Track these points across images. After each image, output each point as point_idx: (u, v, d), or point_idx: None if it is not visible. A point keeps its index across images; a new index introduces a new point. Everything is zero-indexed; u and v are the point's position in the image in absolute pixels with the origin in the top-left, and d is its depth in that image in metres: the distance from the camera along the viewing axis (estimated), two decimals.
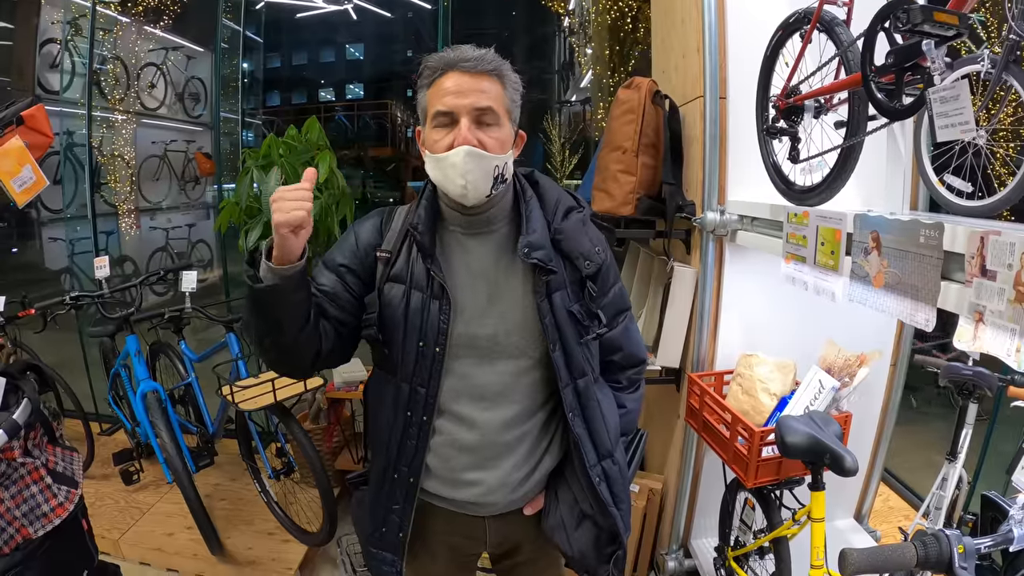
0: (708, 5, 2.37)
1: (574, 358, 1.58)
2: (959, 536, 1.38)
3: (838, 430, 1.93)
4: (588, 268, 1.58)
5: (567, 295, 1.57)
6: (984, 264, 1.21)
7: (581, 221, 1.63)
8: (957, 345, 1.30)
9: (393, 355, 1.56)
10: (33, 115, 2.62)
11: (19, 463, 1.89)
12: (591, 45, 6.13)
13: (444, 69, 1.47)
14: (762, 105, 2.19)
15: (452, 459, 1.61)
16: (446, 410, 1.58)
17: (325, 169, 3.15)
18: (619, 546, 1.70)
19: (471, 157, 1.43)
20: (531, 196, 1.61)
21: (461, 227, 1.59)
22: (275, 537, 3.29)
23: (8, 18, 6.80)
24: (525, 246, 1.51)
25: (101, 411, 4.70)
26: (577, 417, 1.60)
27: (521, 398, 1.60)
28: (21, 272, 7.18)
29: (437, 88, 1.48)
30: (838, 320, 2.35)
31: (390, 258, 1.58)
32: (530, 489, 1.67)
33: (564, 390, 1.58)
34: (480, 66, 1.46)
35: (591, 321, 1.59)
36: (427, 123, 1.51)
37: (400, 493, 1.61)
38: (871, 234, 1.54)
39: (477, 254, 1.58)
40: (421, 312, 1.52)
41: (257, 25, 7.01)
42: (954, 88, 1.41)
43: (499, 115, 1.48)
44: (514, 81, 1.53)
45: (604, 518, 1.65)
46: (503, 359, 1.58)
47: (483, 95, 1.46)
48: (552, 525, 1.68)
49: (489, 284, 1.57)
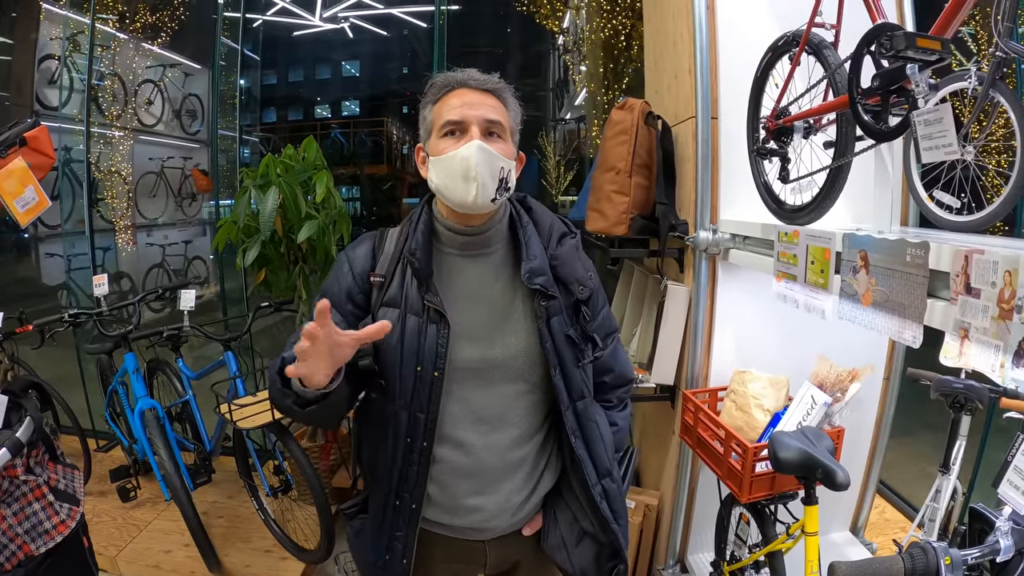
0: (700, 27, 2.40)
1: (573, 381, 1.60)
2: (946, 548, 1.40)
3: (831, 445, 1.95)
4: (582, 293, 1.61)
5: (564, 320, 1.59)
6: (968, 282, 1.24)
7: (575, 247, 1.67)
8: (943, 361, 1.32)
9: (390, 382, 1.55)
10: (36, 136, 2.64)
11: (21, 480, 1.90)
12: (585, 63, 6.16)
13: (453, 86, 1.52)
14: (753, 126, 2.22)
15: (452, 486, 1.60)
16: (446, 436, 1.57)
17: (323, 189, 3.18)
18: (620, 560, 1.72)
19: (482, 151, 1.45)
20: (527, 221, 1.64)
21: (458, 249, 1.60)
22: (273, 555, 3.29)
23: (7, 34, 6.81)
24: (527, 272, 1.54)
25: (98, 427, 4.68)
26: (578, 439, 1.62)
27: (519, 421, 1.61)
28: (20, 287, 7.17)
29: (445, 102, 1.52)
30: (830, 336, 2.36)
31: (384, 282, 1.58)
32: (529, 511, 1.69)
33: (565, 413, 1.60)
34: (487, 85, 1.52)
35: (586, 344, 1.62)
36: (434, 134, 1.53)
37: (403, 520, 1.60)
38: (859, 253, 1.57)
39: (475, 277, 1.60)
40: (418, 337, 1.52)
41: (254, 43, 7.03)
42: (937, 111, 1.45)
43: (505, 130, 1.53)
44: (515, 106, 1.59)
45: (606, 535, 1.67)
46: (502, 383, 1.59)
47: (492, 109, 1.51)
48: (553, 545, 1.70)
49: (487, 308, 1.59)
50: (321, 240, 3.25)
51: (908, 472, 3.93)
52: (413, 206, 1.73)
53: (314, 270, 3.42)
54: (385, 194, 8.96)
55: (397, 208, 8.85)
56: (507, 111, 1.55)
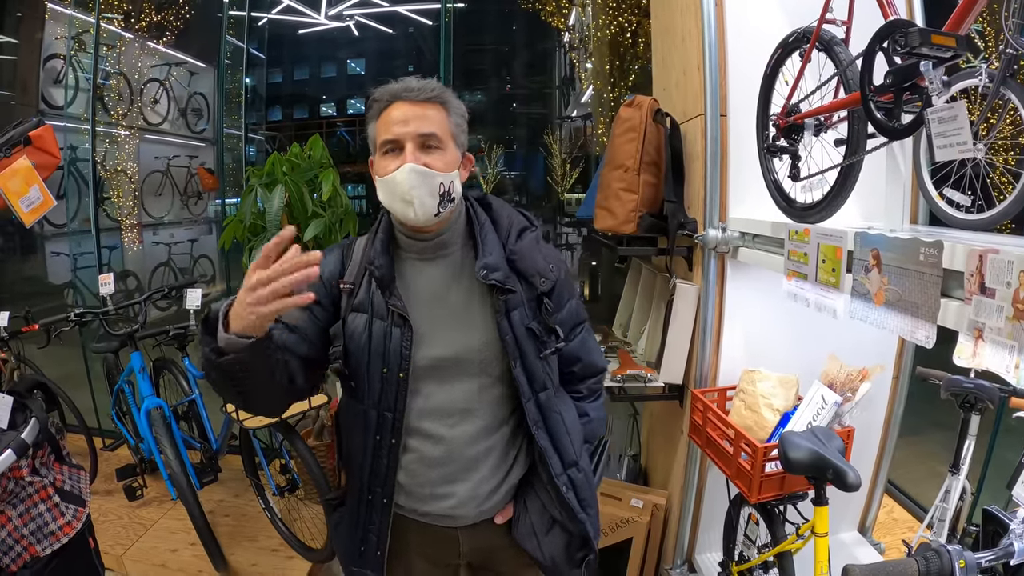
0: (708, 23, 2.39)
1: (535, 373, 1.64)
2: (960, 551, 1.39)
3: (841, 445, 1.94)
4: (543, 285, 1.65)
5: (525, 313, 1.64)
6: (983, 282, 1.22)
7: (535, 240, 1.72)
8: (957, 362, 1.31)
9: (359, 383, 1.62)
10: (41, 136, 2.64)
11: (27, 482, 1.90)
12: (591, 60, 6.15)
13: (390, 100, 1.56)
14: (762, 123, 2.21)
15: (422, 474, 1.66)
16: (414, 429, 1.63)
17: (329, 188, 3.17)
18: (590, 550, 1.76)
19: (415, 173, 1.50)
20: (484, 219, 1.70)
21: (416, 253, 1.66)
22: (279, 554, 3.28)
23: (12, 33, 6.83)
24: (483, 268, 1.59)
25: (104, 426, 4.68)
26: (540, 430, 1.67)
27: (484, 414, 1.66)
28: (26, 286, 7.18)
29: (384, 119, 1.56)
30: (840, 335, 2.34)
31: (353, 289, 1.64)
32: (499, 500, 1.73)
33: (527, 404, 1.64)
34: (422, 95, 1.55)
35: (549, 336, 1.66)
36: (377, 152, 1.59)
37: (376, 514, 1.67)
38: (871, 252, 1.55)
39: (434, 278, 1.65)
40: (383, 340, 1.58)
41: (260, 41, 7.04)
42: (952, 109, 1.43)
43: (442, 139, 1.57)
44: (457, 107, 1.63)
45: (573, 524, 1.72)
46: (466, 378, 1.64)
47: (426, 121, 1.54)
48: (522, 533, 1.75)
49: (448, 307, 1.64)
50: (328, 238, 3.24)
51: (916, 472, 3.92)
52: None
53: None
54: None
55: None
56: (447, 116, 1.59)
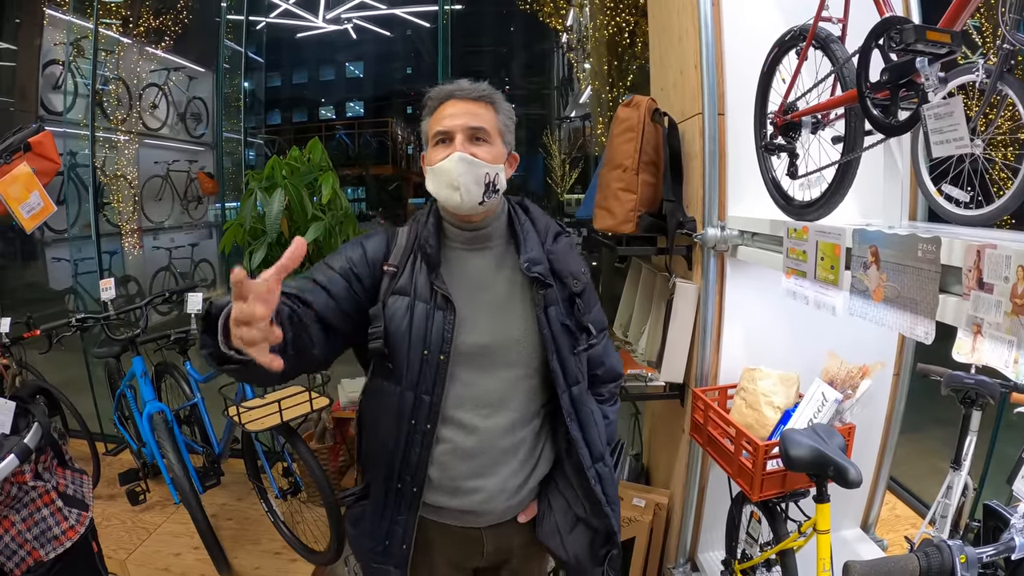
0: (705, 22, 2.39)
1: (569, 366, 1.71)
2: (961, 546, 1.39)
3: (842, 442, 1.94)
4: (576, 286, 1.73)
5: (560, 310, 1.71)
6: (981, 277, 1.22)
7: (569, 244, 1.81)
8: (956, 357, 1.31)
9: (398, 365, 1.64)
10: (40, 142, 2.65)
11: (30, 486, 1.90)
12: (589, 60, 6.16)
13: (443, 98, 1.66)
14: (760, 122, 2.21)
15: (453, 467, 1.68)
16: (449, 417, 1.66)
17: (328, 191, 3.17)
18: (613, 545, 1.80)
19: (463, 161, 1.59)
20: (524, 219, 1.79)
21: (462, 243, 1.73)
22: (282, 557, 3.28)
23: (11, 40, 6.85)
24: (526, 261, 1.67)
25: (106, 431, 4.68)
26: (573, 421, 1.72)
27: (518, 405, 1.71)
28: (27, 292, 7.19)
29: (438, 114, 1.66)
30: (840, 332, 2.35)
31: (396, 272, 1.67)
32: (525, 496, 1.77)
33: (562, 396, 1.70)
34: (474, 94, 1.65)
35: (581, 334, 1.73)
36: (429, 144, 1.68)
37: (404, 504, 1.68)
38: (870, 248, 1.55)
39: (477, 268, 1.72)
40: (425, 322, 1.62)
41: (258, 45, 7.05)
42: (948, 105, 1.43)
43: (490, 134, 1.65)
44: (506, 108, 1.72)
45: (600, 519, 1.77)
46: (503, 368, 1.69)
47: (476, 117, 1.64)
48: (547, 531, 1.78)
49: (490, 296, 1.70)
50: (328, 241, 3.23)
51: (918, 468, 3.92)
52: (419, 206, 1.81)
53: None
54: (391, 194, 8.98)
55: (403, 208, 8.87)
56: (496, 115, 1.68)
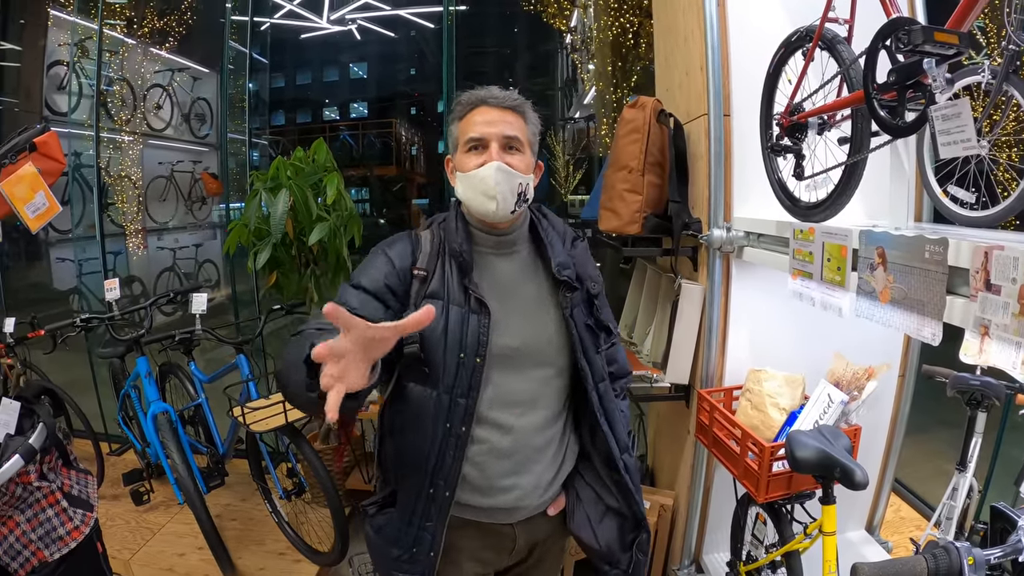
0: (711, 23, 2.39)
1: (595, 365, 1.74)
2: (969, 548, 1.39)
3: (848, 444, 1.94)
4: (595, 288, 1.78)
5: (583, 311, 1.75)
6: (988, 278, 1.22)
7: (586, 248, 1.87)
8: (963, 359, 1.31)
9: (434, 369, 1.62)
10: (46, 142, 2.65)
11: (35, 487, 1.90)
12: (593, 61, 6.16)
13: (475, 104, 1.66)
14: (766, 123, 2.20)
15: (489, 467, 1.68)
16: (484, 418, 1.66)
17: (333, 191, 3.18)
18: (643, 530, 1.83)
19: (501, 171, 1.60)
20: (547, 225, 1.81)
21: (490, 248, 1.74)
22: (286, 557, 3.28)
23: (16, 40, 6.86)
24: (557, 265, 1.70)
25: (111, 431, 4.69)
26: (602, 416, 1.75)
27: (548, 403, 1.73)
28: (32, 292, 7.20)
29: (469, 119, 1.66)
30: (846, 333, 2.34)
31: (427, 276, 1.67)
32: (555, 491, 1.79)
33: (591, 393, 1.73)
34: (506, 102, 1.66)
35: (601, 333, 1.79)
36: (459, 149, 1.68)
37: (435, 510, 1.65)
38: (876, 250, 1.55)
39: (506, 272, 1.74)
40: (461, 325, 1.61)
41: (262, 46, 7.06)
42: (956, 106, 1.43)
43: (523, 144, 1.67)
44: (534, 119, 1.73)
45: (629, 506, 1.80)
46: (533, 367, 1.71)
47: (510, 126, 1.65)
48: (578, 523, 1.80)
49: (520, 299, 1.72)
50: (332, 242, 3.24)
51: (923, 470, 3.91)
52: (423, 207, 1.81)
53: (325, 272, 3.41)
54: (395, 195, 8.96)
55: (407, 209, 8.86)
56: (526, 125, 1.69)
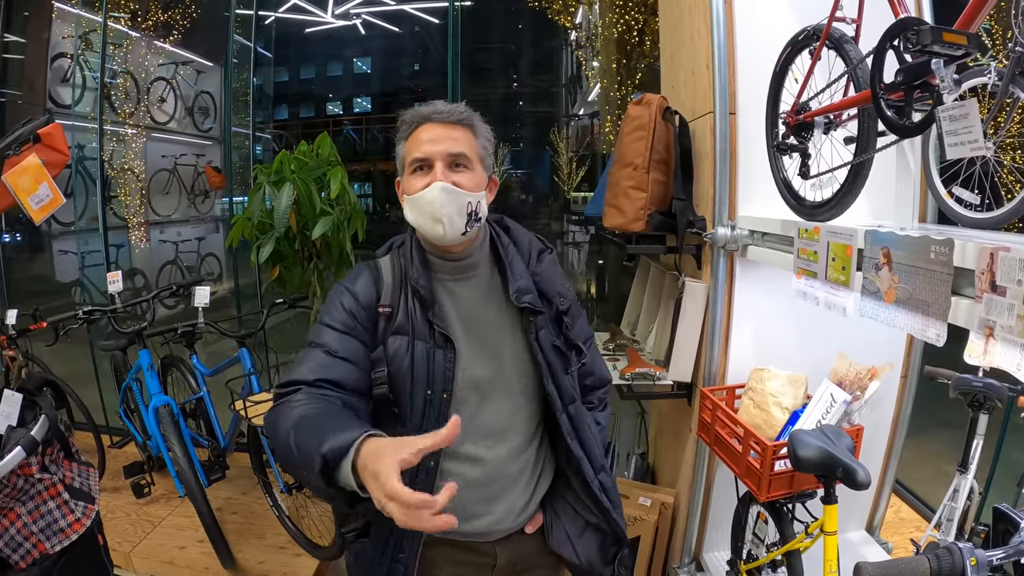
0: (717, 21, 2.38)
1: (564, 387, 1.68)
2: (972, 549, 1.39)
3: (850, 443, 1.93)
4: (563, 304, 1.70)
5: (550, 331, 1.68)
6: (994, 280, 1.22)
7: (553, 262, 1.79)
8: (968, 360, 1.30)
9: (402, 408, 1.59)
10: (50, 133, 2.65)
11: (36, 479, 1.91)
12: (598, 58, 6.15)
13: (420, 122, 1.58)
14: (772, 121, 2.20)
15: (462, 496, 1.56)
16: (453, 453, 1.62)
17: (337, 185, 3.17)
18: (623, 545, 1.81)
19: (445, 192, 1.52)
20: (508, 242, 1.72)
21: (448, 274, 1.66)
22: (287, 551, 3.29)
23: (20, 33, 6.85)
24: (516, 291, 1.62)
25: (112, 424, 4.69)
26: (574, 440, 1.70)
27: (520, 430, 1.69)
28: (34, 284, 7.21)
29: (414, 139, 1.58)
30: (849, 333, 2.34)
31: (392, 312, 1.61)
32: (531, 512, 1.76)
33: (560, 417, 1.67)
34: (452, 117, 1.58)
35: (570, 352, 1.71)
36: (406, 171, 1.60)
37: (407, 542, 1.63)
38: (882, 250, 1.55)
39: (465, 299, 1.67)
40: (427, 361, 1.56)
41: (267, 40, 7.05)
42: (963, 107, 1.42)
43: (471, 160, 1.59)
44: (484, 131, 1.65)
45: (609, 524, 1.76)
46: (502, 397, 1.66)
47: (455, 142, 1.56)
48: (557, 540, 1.78)
49: (481, 327, 1.65)
50: (336, 236, 3.23)
51: (923, 471, 3.91)
52: None
53: (328, 266, 3.41)
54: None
55: None
56: (475, 138, 1.61)
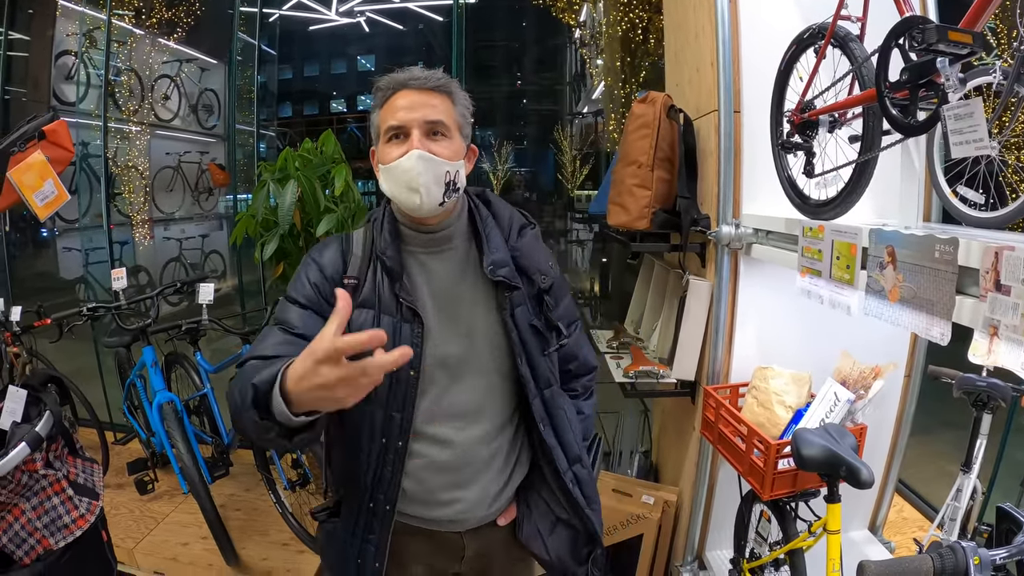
0: (722, 19, 2.38)
1: (539, 370, 1.63)
2: (975, 548, 1.39)
3: (854, 443, 1.93)
4: (544, 282, 1.64)
5: (528, 310, 1.63)
6: (998, 279, 1.22)
7: (535, 237, 1.71)
8: (972, 359, 1.30)
9: None
10: (55, 130, 2.65)
11: (41, 475, 1.91)
12: (602, 57, 6.16)
13: (395, 88, 1.52)
14: (776, 120, 2.20)
15: (429, 480, 1.61)
16: (421, 433, 1.59)
17: (341, 183, 3.17)
18: (596, 545, 1.76)
19: (422, 160, 1.46)
20: (487, 215, 1.67)
21: (421, 247, 1.62)
22: (290, 548, 3.29)
23: (24, 30, 6.87)
24: (490, 264, 1.57)
25: (116, 420, 4.71)
26: (547, 427, 1.66)
27: (494, 412, 1.65)
28: (38, 281, 7.23)
29: (389, 106, 1.52)
30: (852, 332, 2.34)
31: (358, 284, 1.57)
32: (504, 502, 1.73)
33: (533, 401, 1.62)
34: (429, 83, 1.52)
35: (550, 333, 1.65)
36: (380, 140, 1.55)
37: (377, 523, 1.60)
38: (886, 249, 1.54)
39: (439, 273, 1.62)
40: (393, 336, 1.51)
41: (271, 37, 7.06)
42: (968, 106, 1.42)
43: (449, 128, 1.53)
44: (462, 98, 1.59)
45: (580, 520, 1.72)
46: (475, 376, 1.61)
47: (433, 109, 1.51)
48: (528, 535, 1.74)
49: (453, 303, 1.61)
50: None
51: (926, 470, 3.91)
52: None
53: None
54: None
55: None
56: (453, 106, 1.56)
